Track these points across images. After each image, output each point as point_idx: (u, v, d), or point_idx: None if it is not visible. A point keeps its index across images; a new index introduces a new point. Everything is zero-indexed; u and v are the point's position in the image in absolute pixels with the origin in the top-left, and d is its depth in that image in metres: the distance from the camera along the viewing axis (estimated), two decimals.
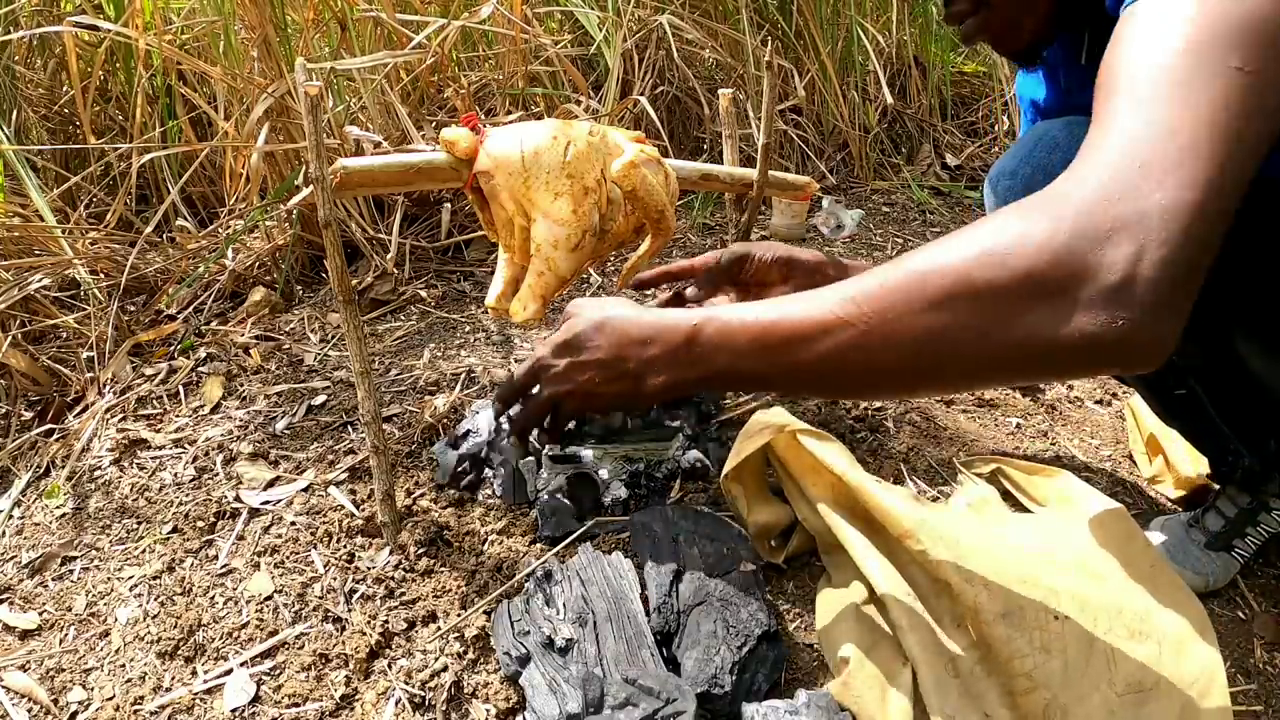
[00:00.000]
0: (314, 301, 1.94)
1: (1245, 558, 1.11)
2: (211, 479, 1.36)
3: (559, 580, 1.00)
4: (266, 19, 1.86)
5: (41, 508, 1.36)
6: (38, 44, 2.22)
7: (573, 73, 2.28)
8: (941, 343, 0.59)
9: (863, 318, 0.62)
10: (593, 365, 0.82)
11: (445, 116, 2.21)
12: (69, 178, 2.02)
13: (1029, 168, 0.93)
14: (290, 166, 1.99)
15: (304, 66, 1.03)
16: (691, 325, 0.74)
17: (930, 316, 0.59)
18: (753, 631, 0.90)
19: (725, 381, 0.75)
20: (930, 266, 0.60)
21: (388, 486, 1.14)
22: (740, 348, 0.70)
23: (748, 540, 1.05)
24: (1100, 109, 0.63)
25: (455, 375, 1.60)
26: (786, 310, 0.68)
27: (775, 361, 0.68)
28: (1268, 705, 0.97)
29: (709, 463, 1.27)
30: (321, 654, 1.01)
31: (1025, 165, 0.94)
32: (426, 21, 2.06)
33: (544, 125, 1.10)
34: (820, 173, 2.66)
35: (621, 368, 0.80)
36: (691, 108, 2.56)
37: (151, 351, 1.73)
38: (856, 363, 0.63)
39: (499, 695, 0.94)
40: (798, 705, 0.84)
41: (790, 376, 0.69)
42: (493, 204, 1.12)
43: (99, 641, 1.10)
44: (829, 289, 0.66)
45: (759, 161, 1.30)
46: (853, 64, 2.72)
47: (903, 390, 0.70)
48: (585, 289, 2.00)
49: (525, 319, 1.12)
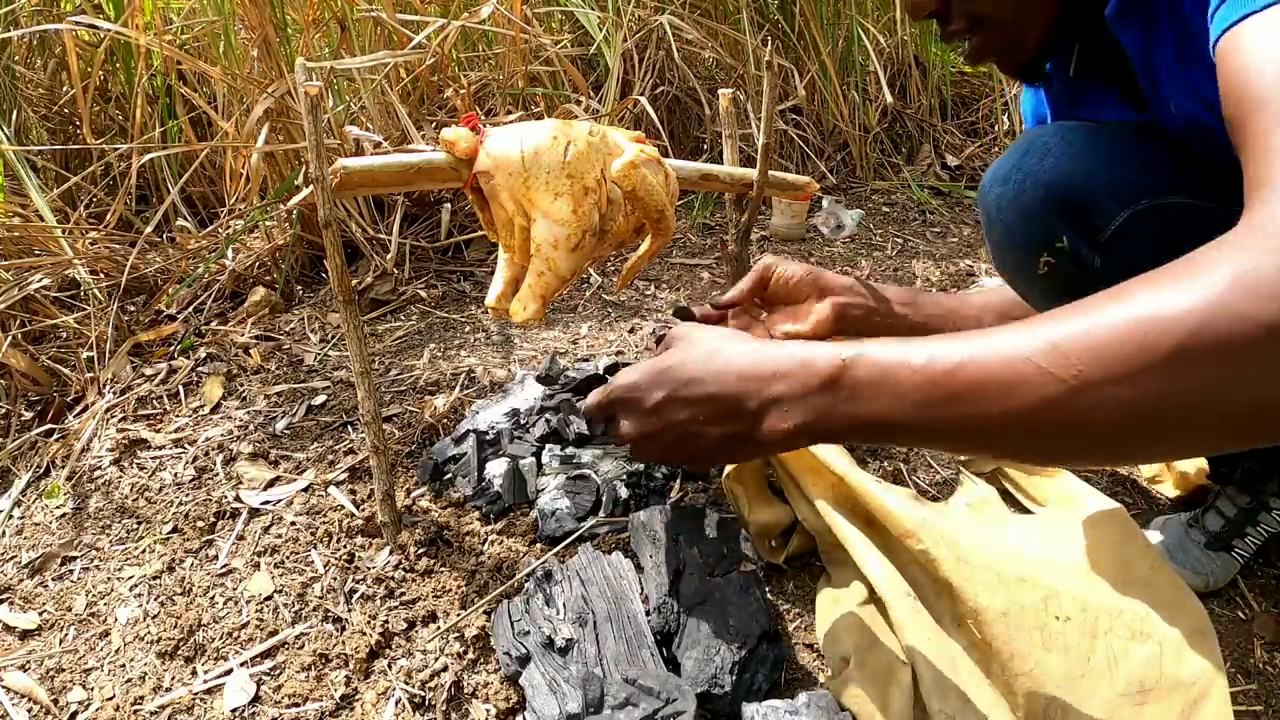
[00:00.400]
0: (314, 301, 1.94)
1: (1245, 558, 1.11)
2: (211, 479, 1.36)
3: (559, 580, 1.00)
4: (266, 19, 1.86)
5: (41, 508, 1.36)
6: (38, 44, 2.22)
7: (573, 73, 2.28)
8: (1171, 407, 0.51)
9: (1072, 372, 0.52)
10: (697, 401, 0.68)
11: (445, 116, 2.21)
12: (69, 178, 2.02)
13: (1020, 174, 0.91)
14: (290, 166, 1.99)
15: (304, 66, 1.03)
16: (838, 361, 0.62)
17: (1159, 377, 0.50)
18: (753, 631, 0.90)
19: (870, 431, 0.62)
20: (1149, 315, 0.51)
21: (388, 486, 1.14)
22: (903, 392, 0.59)
23: (748, 540, 1.05)
24: (1251, 133, 0.56)
25: (455, 375, 1.60)
26: (973, 352, 0.56)
27: (948, 414, 0.57)
28: (1268, 705, 0.97)
29: None
30: (321, 654, 1.01)
31: (1016, 171, 0.91)
32: (426, 21, 2.06)
33: (544, 125, 1.10)
34: (820, 173, 2.66)
35: (735, 405, 0.66)
36: (691, 108, 2.56)
37: (151, 351, 1.73)
38: (1053, 423, 0.54)
39: (499, 695, 0.94)
40: (798, 705, 0.84)
41: (963, 432, 0.58)
42: (493, 204, 1.12)
43: (99, 641, 1.10)
44: (1011, 331, 0.56)
45: (759, 161, 1.30)
46: (853, 64, 2.72)
47: (1103, 457, 0.58)
48: (585, 289, 2.00)
49: (525, 319, 1.12)
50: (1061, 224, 0.87)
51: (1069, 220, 0.86)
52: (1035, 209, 0.88)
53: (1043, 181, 0.87)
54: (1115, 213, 0.84)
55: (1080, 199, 0.85)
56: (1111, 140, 0.87)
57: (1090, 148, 0.87)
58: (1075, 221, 0.86)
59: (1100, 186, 0.84)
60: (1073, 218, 0.86)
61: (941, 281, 2.13)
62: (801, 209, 2.33)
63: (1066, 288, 0.91)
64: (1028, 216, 0.89)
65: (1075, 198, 0.85)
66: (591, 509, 1.18)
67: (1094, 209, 0.85)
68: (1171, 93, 0.82)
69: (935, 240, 2.43)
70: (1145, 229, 0.83)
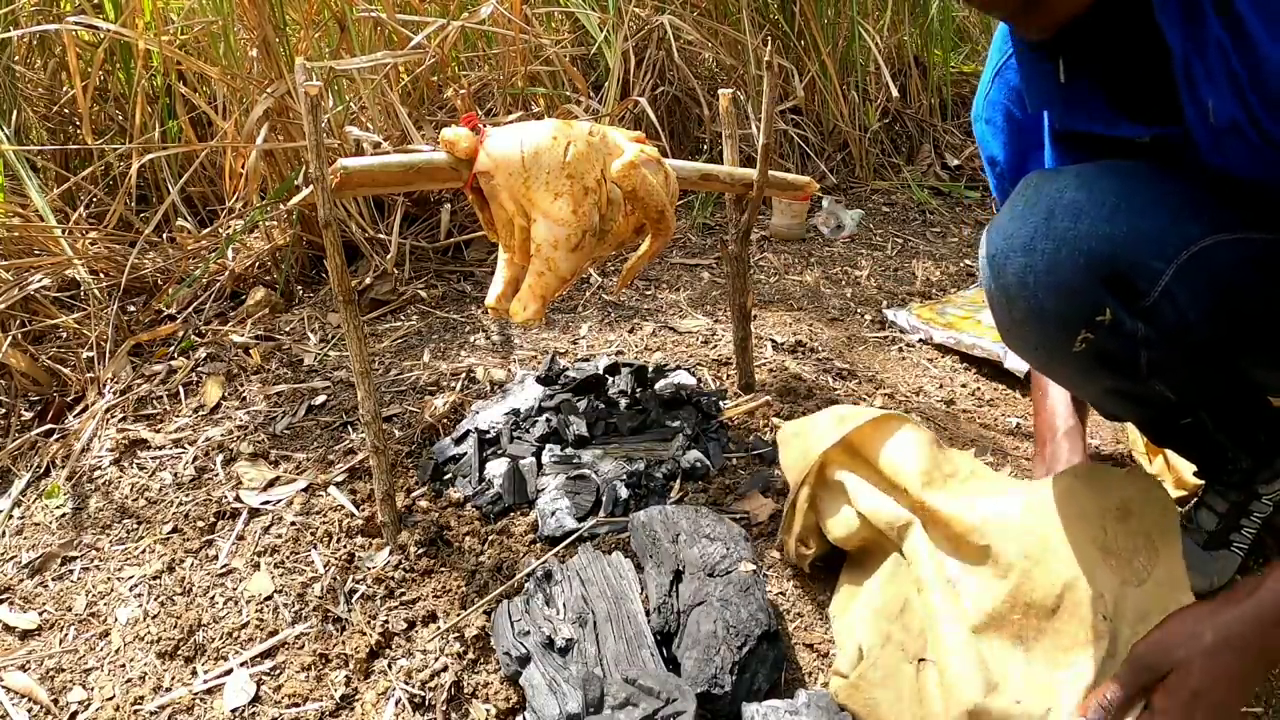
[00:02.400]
0: (314, 301, 1.94)
1: (1244, 550, 1.11)
2: (211, 479, 1.36)
3: (559, 580, 1.00)
4: (266, 19, 1.86)
5: (41, 508, 1.36)
6: (38, 44, 2.22)
7: (573, 73, 2.28)
8: None
9: None
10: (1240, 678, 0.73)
11: (445, 116, 2.21)
12: (69, 178, 2.02)
13: (1050, 244, 0.78)
14: (290, 166, 1.99)
15: (304, 66, 1.03)
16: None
17: None
18: (753, 631, 0.90)
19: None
20: None
21: (388, 486, 1.14)
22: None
23: (748, 540, 1.05)
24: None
25: (455, 375, 1.60)
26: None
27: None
28: (1268, 705, 0.97)
29: (709, 463, 1.27)
30: (321, 654, 1.01)
31: (1045, 240, 0.79)
32: (426, 21, 2.06)
33: (544, 125, 1.10)
34: (820, 173, 2.66)
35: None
36: (691, 108, 2.56)
37: (151, 351, 1.73)
38: None
39: (499, 695, 0.94)
40: (798, 705, 0.84)
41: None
42: (493, 204, 1.12)
43: (99, 641, 1.10)
44: None
45: (759, 161, 1.30)
46: (853, 64, 2.72)
47: None
48: (585, 289, 2.00)
49: (525, 319, 1.12)
50: (1107, 296, 0.79)
51: (1113, 290, 0.78)
52: (1074, 283, 0.78)
53: (1080, 250, 0.77)
54: (1160, 273, 0.77)
55: (1125, 265, 0.77)
56: (1138, 182, 0.80)
57: (1124, 198, 0.78)
58: (1119, 290, 0.79)
59: (1143, 245, 0.77)
60: (1117, 286, 0.78)
61: (941, 281, 2.13)
62: (801, 209, 2.33)
63: (1103, 362, 0.85)
64: (1065, 293, 0.79)
65: (1120, 264, 0.77)
66: (591, 509, 1.18)
67: (1139, 273, 0.78)
68: (1212, 95, 0.74)
69: (935, 240, 2.43)
70: (1190, 283, 0.78)
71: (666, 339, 1.75)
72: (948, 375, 1.72)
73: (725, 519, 1.08)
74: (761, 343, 1.70)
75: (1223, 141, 0.77)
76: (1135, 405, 0.98)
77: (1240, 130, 0.74)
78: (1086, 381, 0.94)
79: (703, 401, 1.39)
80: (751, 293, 1.47)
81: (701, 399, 1.39)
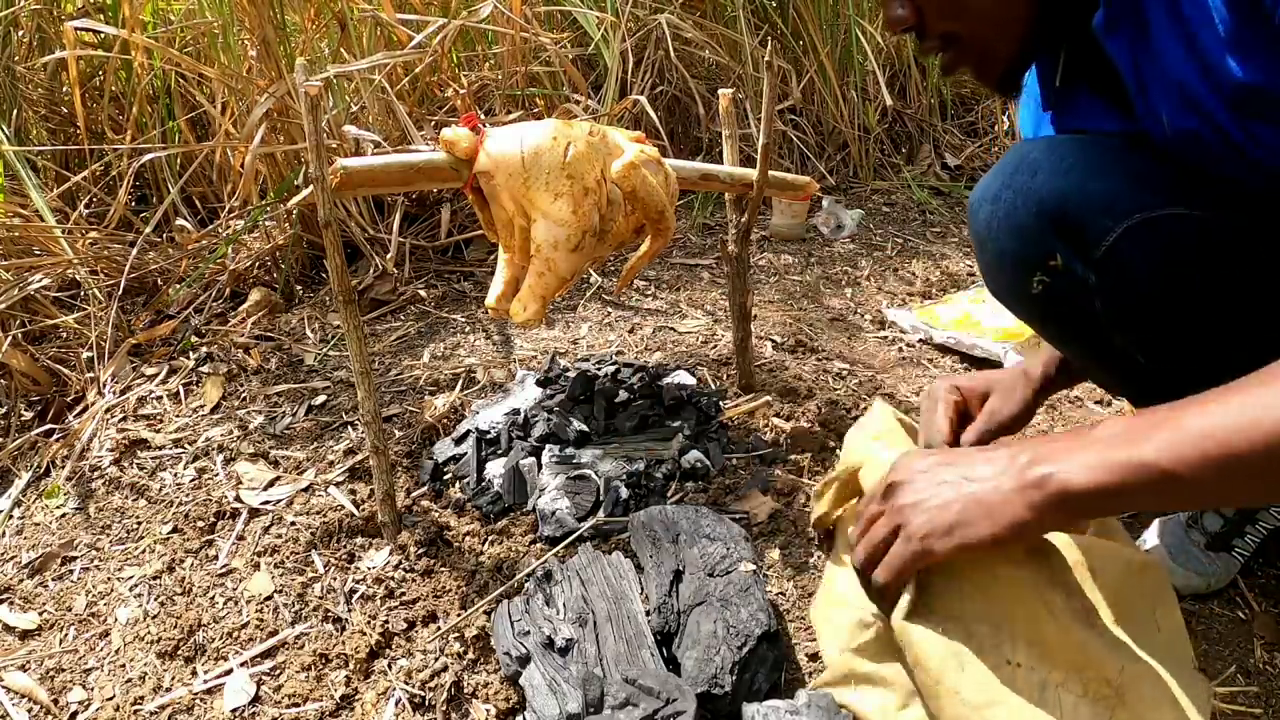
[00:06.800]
0: (314, 301, 1.94)
1: (1245, 557, 1.11)
2: (211, 479, 1.36)
3: (559, 580, 1.00)
4: (266, 19, 1.86)
5: (41, 508, 1.36)
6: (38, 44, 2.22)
7: (572, 73, 2.28)
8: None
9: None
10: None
11: (445, 116, 2.21)
12: (69, 178, 2.02)
13: (1010, 193, 0.90)
14: (290, 166, 1.99)
15: (304, 66, 1.03)
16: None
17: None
18: (753, 631, 0.90)
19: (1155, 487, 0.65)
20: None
21: (388, 486, 1.15)
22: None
23: (748, 540, 1.05)
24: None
25: (455, 375, 1.60)
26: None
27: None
28: (1268, 706, 0.97)
29: (709, 463, 1.27)
30: (321, 654, 1.01)
31: (1006, 190, 0.90)
32: (426, 21, 2.06)
33: (544, 125, 1.10)
34: (820, 173, 2.66)
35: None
36: (691, 108, 2.56)
37: (151, 351, 1.73)
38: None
39: (499, 695, 0.94)
40: (798, 705, 0.84)
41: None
42: (493, 204, 1.12)
43: (99, 641, 1.10)
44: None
45: (759, 161, 1.30)
46: (852, 64, 2.72)
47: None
48: (585, 289, 2.00)
49: (525, 319, 1.12)
50: (1056, 241, 0.86)
51: (1063, 237, 0.86)
52: (1028, 227, 0.87)
53: (1034, 199, 0.86)
54: (1110, 228, 0.83)
55: (1074, 215, 0.84)
56: (1102, 153, 0.86)
57: (1081, 162, 0.86)
58: (1069, 239, 0.85)
59: (1093, 202, 0.84)
60: (1067, 235, 0.85)
61: (941, 281, 2.13)
62: (801, 209, 2.33)
63: (1061, 306, 0.91)
64: (1020, 235, 0.88)
65: (1069, 214, 0.84)
66: (591, 509, 1.18)
67: (1088, 225, 0.84)
68: (1162, 104, 0.81)
69: (935, 240, 2.43)
70: (1140, 244, 0.82)
71: (666, 339, 1.75)
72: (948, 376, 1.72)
73: (725, 519, 1.08)
74: (761, 343, 1.70)
75: (1181, 144, 0.82)
76: (1120, 377, 0.99)
77: (1192, 132, 0.79)
78: (1053, 326, 0.98)
79: (703, 401, 1.39)
80: (751, 293, 1.47)
81: (701, 399, 1.39)
